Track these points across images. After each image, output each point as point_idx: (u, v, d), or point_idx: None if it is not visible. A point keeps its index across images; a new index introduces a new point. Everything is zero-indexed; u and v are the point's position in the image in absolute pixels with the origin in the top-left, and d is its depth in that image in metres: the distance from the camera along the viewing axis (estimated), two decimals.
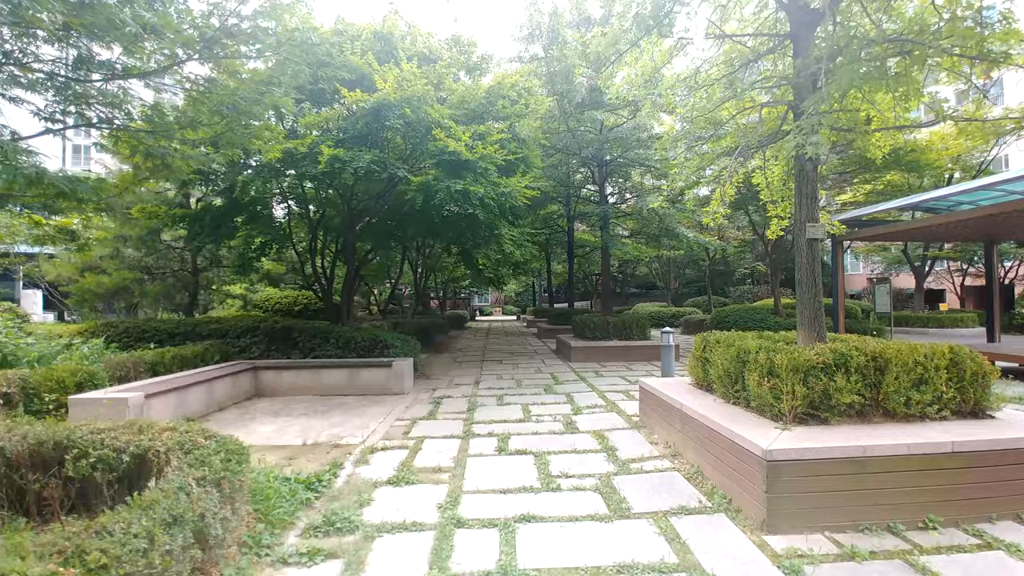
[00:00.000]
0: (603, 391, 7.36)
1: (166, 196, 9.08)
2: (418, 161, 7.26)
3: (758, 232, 15.53)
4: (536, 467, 4.15)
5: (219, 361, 7.53)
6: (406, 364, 7.58)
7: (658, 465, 4.16)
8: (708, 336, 4.93)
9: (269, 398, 7.28)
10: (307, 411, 6.39)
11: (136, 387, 5.34)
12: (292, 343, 8.18)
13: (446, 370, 9.76)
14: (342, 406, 6.64)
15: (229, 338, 8.08)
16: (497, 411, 6.19)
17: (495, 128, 6.68)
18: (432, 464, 4.27)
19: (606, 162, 11.88)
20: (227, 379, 6.81)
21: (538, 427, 5.40)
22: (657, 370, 9.38)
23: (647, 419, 5.33)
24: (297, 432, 5.37)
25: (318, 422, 5.80)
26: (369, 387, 7.45)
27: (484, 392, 7.46)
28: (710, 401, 4.35)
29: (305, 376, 7.51)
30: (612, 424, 5.50)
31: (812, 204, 4.43)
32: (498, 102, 7.05)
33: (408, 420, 5.87)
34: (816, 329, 4.34)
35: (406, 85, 6.08)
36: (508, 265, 16.12)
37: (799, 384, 3.47)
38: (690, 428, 4.16)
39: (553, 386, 7.81)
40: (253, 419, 6.03)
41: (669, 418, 4.67)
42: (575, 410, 6.16)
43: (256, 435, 5.26)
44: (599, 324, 11.29)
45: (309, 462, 4.39)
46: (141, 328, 7.79)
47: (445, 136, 6.13)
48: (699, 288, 29.91)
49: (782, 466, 3.01)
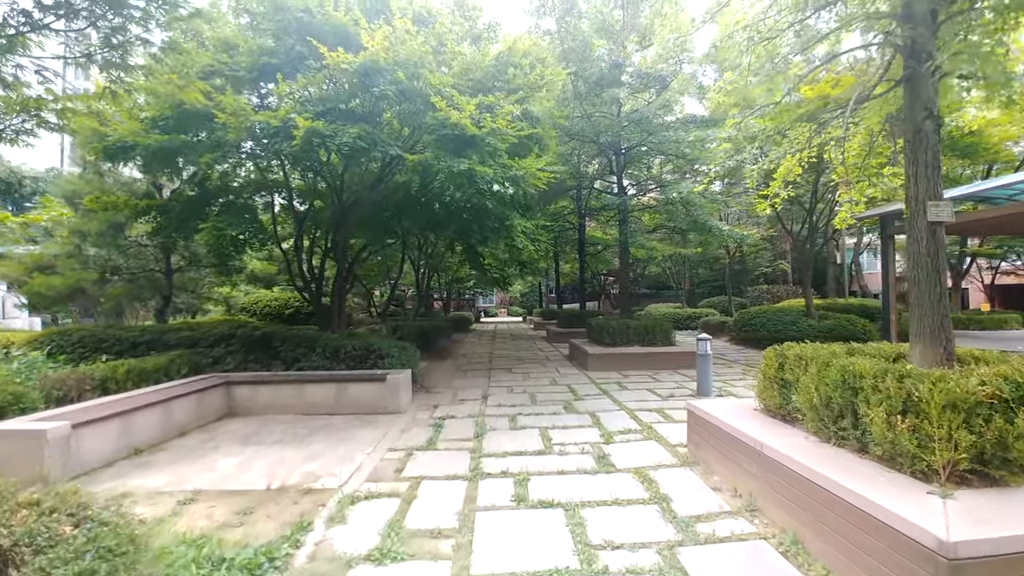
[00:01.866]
0: (633, 410, 6.28)
1: (133, 186, 8.10)
2: (416, 140, 6.23)
3: (785, 226, 14.41)
4: (569, 530, 3.08)
5: (187, 375, 6.49)
6: (402, 377, 6.52)
7: (734, 528, 3.08)
8: (785, 350, 3.84)
9: (243, 418, 6.24)
10: (283, 437, 5.35)
11: (62, 414, 4.30)
12: (273, 353, 7.14)
13: (449, 381, 8.71)
14: (326, 429, 5.60)
15: (201, 347, 7.05)
16: (510, 438, 5.12)
17: (505, 100, 5.62)
18: (430, 524, 3.21)
19: (624, 151, 10.80)
20: (191, 397, 5.77)
21: (563, 462, 4.33)
22: (688, 380, 8.29)
23: (700, 452, 4.25)
24: (264, 469, 4.32)
25: (293, 453, 4.75)
26: (360, 404, 6.40)
27: (493, 411, 6.39)
28: (799, 439, 3.27)
29: (286, 392, 6.47)
30: (655, 458, 4.42)
31: (933, 176, 3.34)
32: (508, 71, 6.00)
33: (403, 450, 4.81)
34: (942, 343, 3.24)
35: (399, 46, 5.04)
36: (515, 264, 15.07)
37: (961, 428, 2.39)
38: (776, 477, 3.08)
39: (573, 403, 6.73)
40: (216, 448, 4.98)
41: (737, 457, 3.59)
42: (605, 437, 5.08)
43: (212, 473, 4.22)
44: (618, 328, 10.20)
45: (268, 519, 3.33)
46: (98, 337, 6.78)
47: (446, 106, 5.08)
48: (713, 288, 28.71)
49: (971, 568, 1.93)
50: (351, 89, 5.25)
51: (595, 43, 8.63)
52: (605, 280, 31.84)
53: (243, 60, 5.51)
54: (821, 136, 4.56)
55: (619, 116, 10.28)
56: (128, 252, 8.83)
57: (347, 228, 6.96)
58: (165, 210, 6.73)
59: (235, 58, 5.55)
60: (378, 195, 6.84)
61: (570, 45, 8.95)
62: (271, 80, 5.19)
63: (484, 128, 5.29)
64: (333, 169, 7.36)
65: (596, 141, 10.12)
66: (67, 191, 8.30)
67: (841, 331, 11.80)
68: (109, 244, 8.33)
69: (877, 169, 4.83)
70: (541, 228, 8.05)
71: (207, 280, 11.37)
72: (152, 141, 5.49)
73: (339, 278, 7.91)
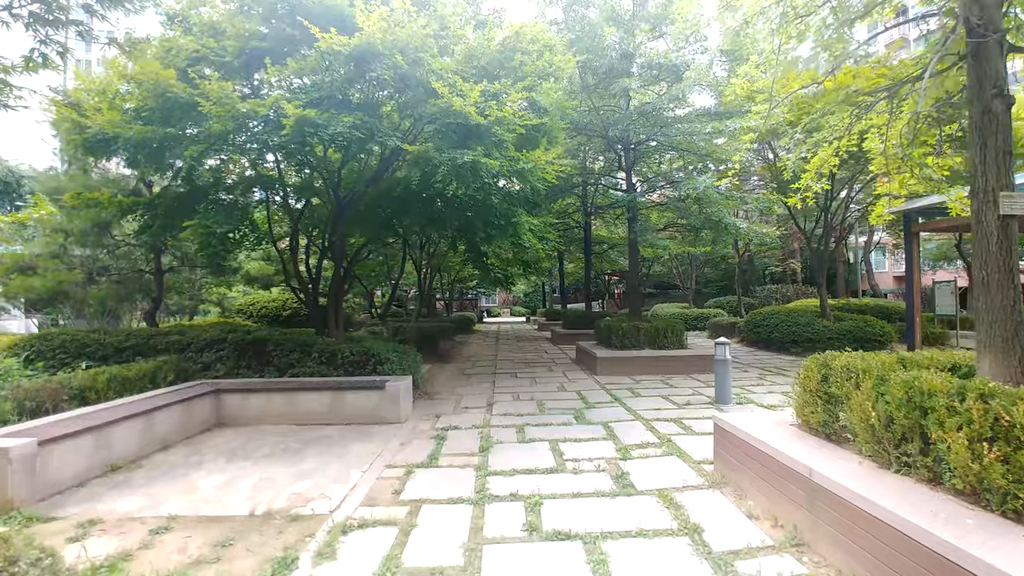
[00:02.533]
0: (648, 420, 5.88)
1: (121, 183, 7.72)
2: (417, 133, 5.83)
3: (798, 224, 13.95)
4: (591, 568, 2.69)
5: (174, 382, 6.14)
6: (403, 385, 6.14)
7: (781, 568, 2.67)
8: (829, 360, 3.43)
9: (232, 429, 5.87)
10: (273, 451, 4.97)
11: (29, 429, 3.93)
12: (266, 358, 6.77)
13: (452, 387, 8.32)
14: (320, 442, 5.22)
15: (190, 352, 6.68)
16: (519, 453, 4.73)
17: (511, 88, 5.21)
18: (431, 561, 2.81)
19: (634, 145, 10.36)
20: (176, 407, 5.40)
21: (578, 482, 3.93)
22: (703, 387, 7.88)
23: (730, 473, 3.84)
24: (249, 489, 3.94)
25: (282, 470, 4.37)
26: (357, 414, 6.02)
27: (499, 420, 6.00)
28: (853, 464, 2.86)
29: (278, 401, 6.09)
30: (679, 477, 4.02)
31: (1004, 163, 2.92)
32: (515, 57, 5.59)
33: (402, 467, 4.42)
34: (1016, 355, 2.83)
35: (397, 28, 4.64)
36: (519, 264, 14.67)
37: None
38: (830, 509, 2.67)
39: (584, 411, 6.33)
40: (200, 464, 4.61)
41: (776, 481, 3.19)
42: (622, 451, 4.68)
43: (192, 495, 3.84)
44: (628, 331, 9.79)
45: (249, 553, 2.95)
46: (82, 342, 6.41)
47: (449, 92, 4.67)
48: (719, 288, 28.27)
49: None
50: (347, 75, 4.85)
51: (605, 31, 8.20)
52: (608, 280, 31.40)
53: (230, 44, 5.12)
54: (862, 122, 4.14)
55: (628, 109, 9.86)
56: (117, 252, 8.46)
57: (344, 226, 6.57)
58: (152, 207, 6.36)
59: (222, 42, 5.17)
60: (377, 191, 6.46)
61: (578, 34, 8.54)
62: (261, 67, 4.80)
63: (490, 117, 4.88)
64: (330, 165, 6.98)
65: (604, 136, 9.68)
66: (49, 188, 7.94)
67: (859, 333, 11.37)
68: (93, 244, 7.96)
69: (920, 159, 4.41)
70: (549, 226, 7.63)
71: (202, 281, 11.00)
72: (133, 132, 5.12)
73: (336, 279, 7.52)
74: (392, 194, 5.85)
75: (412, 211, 5.66)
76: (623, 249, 21.40)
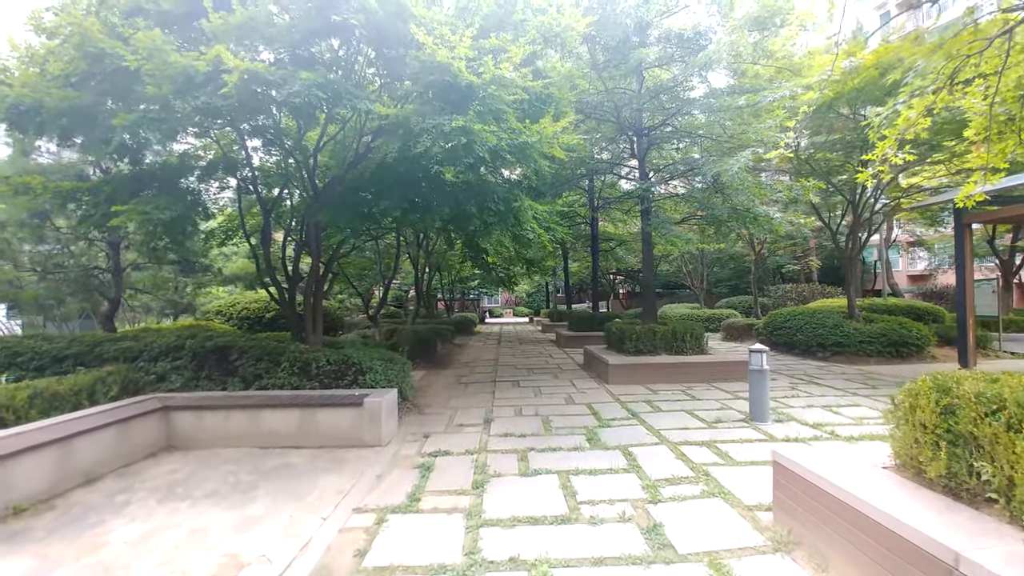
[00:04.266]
0: (675, 443, 4.94)
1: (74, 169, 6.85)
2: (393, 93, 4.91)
3: (821, 217, 12.96)
4: None
5: (117, 397, 5.23)
6: (385, 400, 5.22)
7: None
8: (948, 382, 2.49)
9: (182, 453, 4.97)
10: (220, 486, 4.06)
11: None
12: (230, 368, 5.87)
13: (447, 398, 7.40)
14: (280, 474, 4.31)
15: (142, 362, 5.79)
16: (521, 490, 3.80)
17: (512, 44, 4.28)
18: None
19: (647, 131, 9.42)
20: (110, 429, 4.50)
21: (598, 539, 3.00)
22: (731, 398, 6.94)
23: (800, 528, 2.90)
24: (171, 548, 3.03)
25: (222, 516, 3.46)
26: (331, 435, 5.11)
27: (498, 443, 5.08)
28: (1018, 546, 1.92)
29: (239, 420, 5.19)
30: (730, 532, 3.08)
31: None
32: (516, 11, 4.68)
33: (373, 511, 3.51)
34: None
35: None
36: (522, 262, 13.74)
37: None
38: None
39: (598, 431, 5.39)
40: (124, 506, 3.70)
41: (884, 558, 2.25)
42: (649, 490, 3.74)
43: (94, 557, 2.93)
44: (643, 334, 8.85)
45: None
46: (13, 350, 5.53)
47: (432, 42, 3.75)
48: (731, 287, 27.27)
49: None
50: (309, 23, 3.95)
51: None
52: (613, 279, 30.41)
53: None
54: (967, 70, 3.19)
55: (641, 91, 8.90)
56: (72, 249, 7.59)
57: (321, 215, 5.67)
58: (95, 193, 5.47)
59: None
60: (355, 175, 5.55)
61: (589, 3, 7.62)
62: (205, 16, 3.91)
63: (484, 75, 3.97)
64: (302, 146, 6.08)
65: (616, 119, 8.73)
66: None
67: (894, 336, 10.40)
68: (34, 237, 7.09)
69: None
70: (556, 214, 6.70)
71: (178, 280, 10.13)
72: (56, 98, 4.23)
73: (313, 276, 6.62)
74: (365, 175, 4.94)
75: (389, 193, 4.73)
76: (631, 246, 20.42)
